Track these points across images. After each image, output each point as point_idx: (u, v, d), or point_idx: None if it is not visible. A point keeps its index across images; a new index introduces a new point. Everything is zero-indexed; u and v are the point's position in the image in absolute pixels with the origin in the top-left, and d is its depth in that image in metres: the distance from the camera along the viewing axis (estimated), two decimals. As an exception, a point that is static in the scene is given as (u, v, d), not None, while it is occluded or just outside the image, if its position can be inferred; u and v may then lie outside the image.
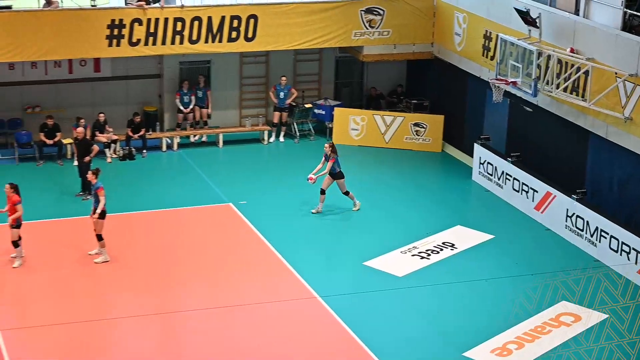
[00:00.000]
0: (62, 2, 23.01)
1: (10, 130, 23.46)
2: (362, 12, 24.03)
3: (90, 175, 18.01)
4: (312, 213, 20.25)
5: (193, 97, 24.45)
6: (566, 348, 15.18)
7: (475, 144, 22.23)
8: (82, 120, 22.33)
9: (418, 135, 24.19)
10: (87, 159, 20.58)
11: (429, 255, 18.36)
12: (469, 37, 22.85)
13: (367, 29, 24.23)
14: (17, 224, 17.34)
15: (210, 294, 16.90)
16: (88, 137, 21.91)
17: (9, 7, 22.42)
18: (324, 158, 20.14)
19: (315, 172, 20.15)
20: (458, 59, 23.47)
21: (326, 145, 20.20)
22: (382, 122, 24.39)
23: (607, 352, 15.03)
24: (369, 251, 18.51)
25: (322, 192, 20.17)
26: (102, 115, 23.13)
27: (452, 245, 18.87)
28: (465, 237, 19.24)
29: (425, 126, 24.12)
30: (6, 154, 23.20)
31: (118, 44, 22.69)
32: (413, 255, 18.33)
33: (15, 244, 17.46)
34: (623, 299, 16.53)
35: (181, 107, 24.31)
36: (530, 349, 15.04)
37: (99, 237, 17.70)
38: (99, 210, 17.53)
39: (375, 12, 24.17)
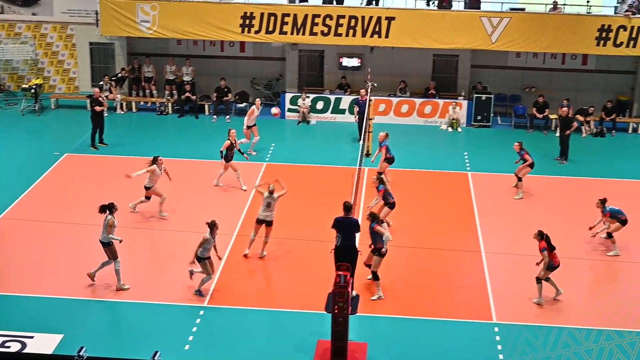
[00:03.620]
0: (564, 8, 27.74)
1: (511, 103, 28.88)
2: None
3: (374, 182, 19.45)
4: None
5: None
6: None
7: None
8: (566, 102, 26.06)
9: None
10: (567, 132, 24.31)
11: None
12: None
13: None
14: None
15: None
16: (570, 115, 25.38)
17: (522, 9, 27.97)
18: None
19: None
20: None
21: None
22: None
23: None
24: None
25: None
26: (592, 108, 27.50)
27: None
28: None
29: None
30: (505, 121, 28.63)
31: (604, 45, 26.70)
32: None
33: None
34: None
35: (651, 100, 28.18)
36: None
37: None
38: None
39: None
